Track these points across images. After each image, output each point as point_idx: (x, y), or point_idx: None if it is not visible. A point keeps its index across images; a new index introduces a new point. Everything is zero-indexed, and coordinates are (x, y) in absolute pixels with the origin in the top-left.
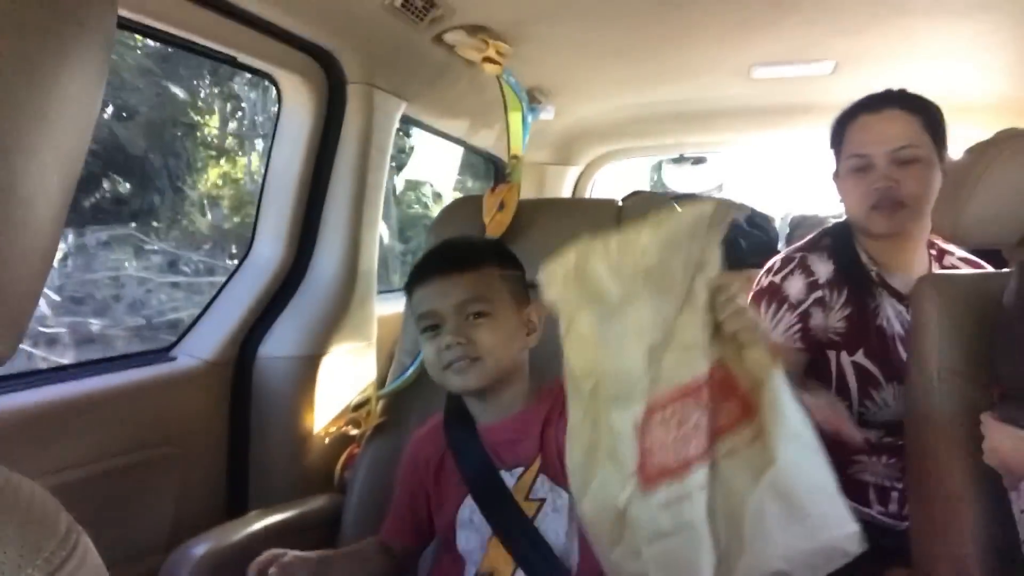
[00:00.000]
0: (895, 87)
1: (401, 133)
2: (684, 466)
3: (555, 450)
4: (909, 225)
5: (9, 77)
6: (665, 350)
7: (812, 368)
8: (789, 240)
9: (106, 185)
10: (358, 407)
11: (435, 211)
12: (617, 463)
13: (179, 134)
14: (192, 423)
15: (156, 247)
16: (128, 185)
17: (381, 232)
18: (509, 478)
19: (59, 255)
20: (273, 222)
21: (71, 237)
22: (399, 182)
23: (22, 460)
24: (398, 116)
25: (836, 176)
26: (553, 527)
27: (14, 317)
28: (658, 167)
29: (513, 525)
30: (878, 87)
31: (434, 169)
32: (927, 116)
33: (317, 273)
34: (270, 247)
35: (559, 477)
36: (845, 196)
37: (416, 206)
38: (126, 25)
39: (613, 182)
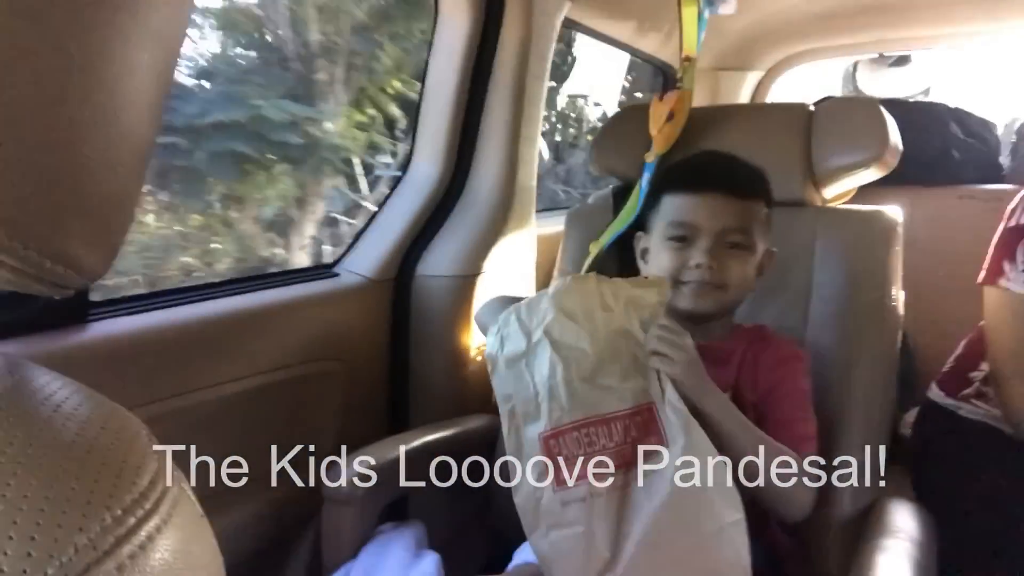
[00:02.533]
0: None
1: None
2: (586, 476)
3: (742, 396)
4: None
5: None
6: (584, 385)
7: None
8: (1015, 152)
9: None
10: None
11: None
12: (533, 463)
13: None
14: (355, 338)
15: None
16: None
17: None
18: None
19: None
20: (431, 138)
21: None
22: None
23: (194, 370)
24: (560, 19)
25: None
26: None
27: (109, 226)
28: (852, 71)
29: None
30: None
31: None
32: None
33: (475, 191)
34: (428, 164)
35: (747, 412)
36: None
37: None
38: None
39: (793, 91)
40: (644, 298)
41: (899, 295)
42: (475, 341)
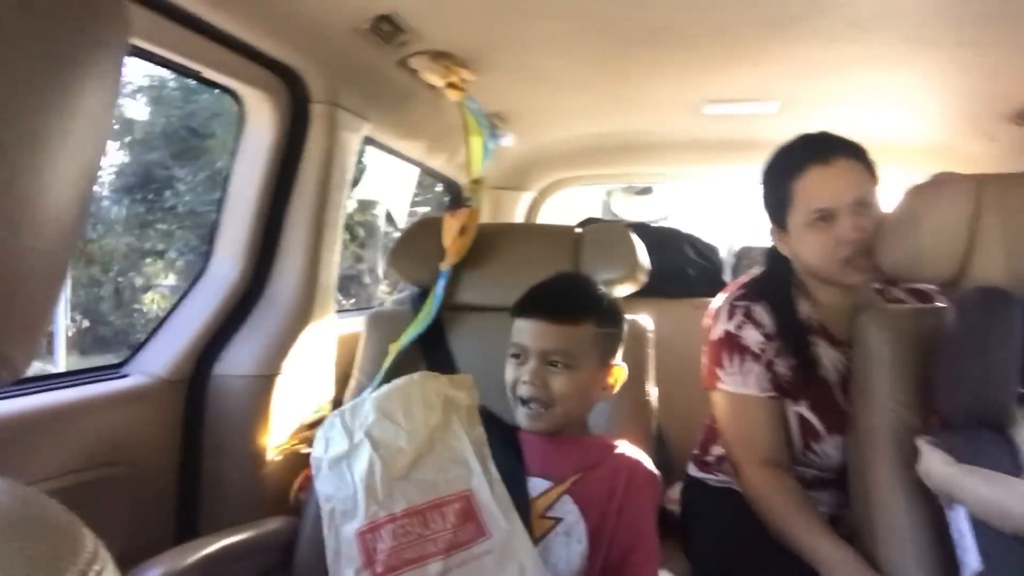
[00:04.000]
0: (837, 128)
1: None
2: (413, 561)
3: (590, 490)
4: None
5: (29, 92)
6: (400, 480)
7: None
8: (735, 270)
9: None
10: (312, 425)
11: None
12: (350, 560)
13: None
14: (144, 442)
15: None
16: None
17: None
18: (530, 486)
19: None
20: (231, 239)
21: None
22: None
23: None
24: (361, 137)
25: (781, 231)
26: (559, 550)
27: (29, 328)
28: (608, 194)
29: None
30: (821, 127)
31: (391, 190)
32: (866, 161)
33: (275, 292)
34: (228, 264)
35: (586, 507)
36: (806, 249)
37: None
38: None
39: (564, 208)
40: (459, 399)
41: (654, 391)
42: (272, 442)
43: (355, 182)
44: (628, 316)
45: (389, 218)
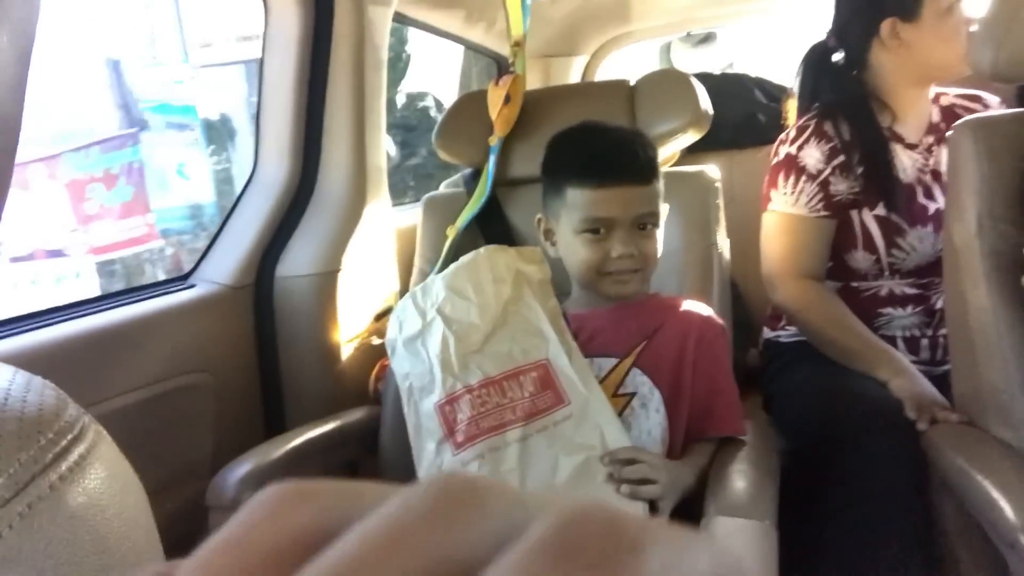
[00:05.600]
0: None
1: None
2: (493, 429)
3: (658, 357)
4: None
5: None
6: (475, 354)
7: (837, 230)
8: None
9: None
10: (381, 316)
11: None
12: (431, 433)
13: None
14: (221, 348)
15: None
16: None
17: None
18: (595, 366)
19: None
20: (274, 138)
21: None
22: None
23: None
24: (390, 12)
25: (904, 22)
26: (639, 424)
27: None
28: (667, 50)
29: None
30: None
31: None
32: None
33: (326, 187)
34: (275, 165)
35: (656, 375)
36: (944, 41)
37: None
38: None
39: (620, 72)
40: (531, 273)
41: (724, 243)
42: (343, 336)
43: (402, 72)
44: (694, 167)
45: (439, 106)
